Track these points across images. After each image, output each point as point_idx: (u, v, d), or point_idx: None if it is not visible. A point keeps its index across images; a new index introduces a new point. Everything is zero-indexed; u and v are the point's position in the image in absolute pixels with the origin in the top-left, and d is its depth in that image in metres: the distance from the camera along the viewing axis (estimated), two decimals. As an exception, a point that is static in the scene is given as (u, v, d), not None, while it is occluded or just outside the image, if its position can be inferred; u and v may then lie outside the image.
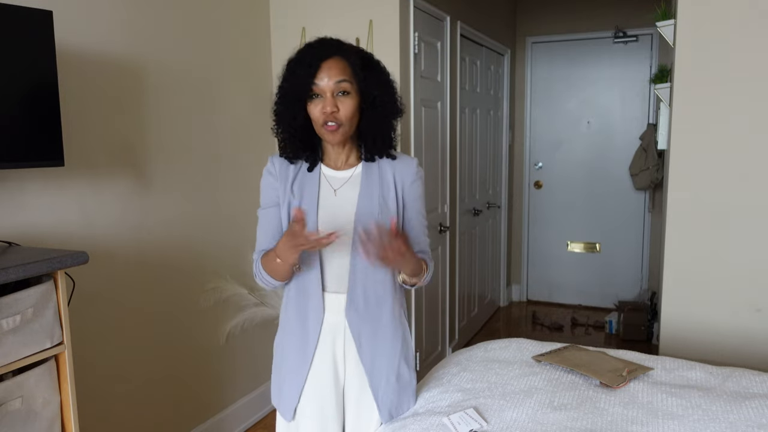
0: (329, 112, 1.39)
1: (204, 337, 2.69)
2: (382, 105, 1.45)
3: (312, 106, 1.41)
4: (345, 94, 1.40)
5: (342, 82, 1.39)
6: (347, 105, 1.40)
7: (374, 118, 1.46)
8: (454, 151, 3.69)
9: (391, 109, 1.48)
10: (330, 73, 1.39)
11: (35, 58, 1.67)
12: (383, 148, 1.50)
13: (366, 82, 1.43)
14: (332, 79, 1.38)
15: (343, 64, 1.40)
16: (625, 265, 4.86)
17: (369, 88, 1.43)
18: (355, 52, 1.46)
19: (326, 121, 1.40)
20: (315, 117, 1.42)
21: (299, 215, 1.30)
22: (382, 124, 1.47)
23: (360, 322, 1.48)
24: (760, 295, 2.31)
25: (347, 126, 1.43)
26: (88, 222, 2.12)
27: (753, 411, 1.49)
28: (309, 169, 1.50)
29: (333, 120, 1.40)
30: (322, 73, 1.38)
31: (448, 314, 3.74)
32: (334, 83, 1.39)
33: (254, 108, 2.96)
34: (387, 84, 1.48)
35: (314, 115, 1.42)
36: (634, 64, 4.66)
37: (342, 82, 1.39)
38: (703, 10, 2.30)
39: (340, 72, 1.39)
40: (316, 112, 1.41)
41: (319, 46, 1.42)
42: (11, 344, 1.48)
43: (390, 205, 1.49)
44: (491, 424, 1.46)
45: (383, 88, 1.46)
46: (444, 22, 3.41)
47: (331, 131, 1.41)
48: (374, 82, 1.44)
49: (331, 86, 1.39)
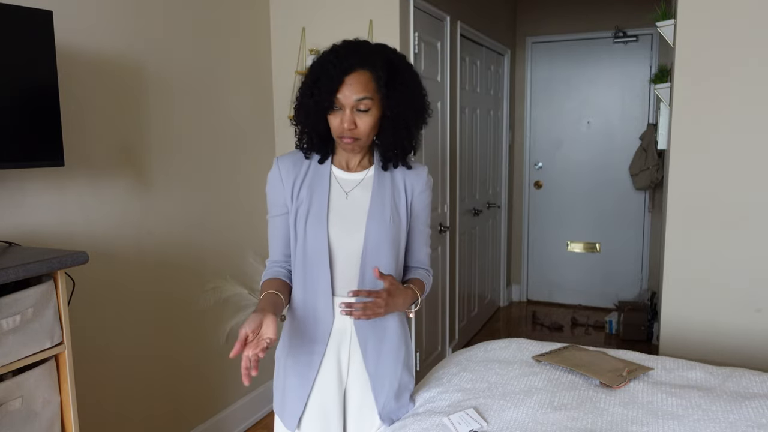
0: (347, 127, 1.38)
1: (204, 337, 2.69)
2: (405, 119, 1.42)
3: (332, 116, 1.40)
4: (365, 110, 1.37)
5: (363, 99, 1.36)
6: (366, 121, 1.38)
7: (394, 132, 1.43)
8: (454, 151, 3.69)
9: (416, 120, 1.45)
10: (352, 89, 1.35)
11: (35, 58, 1.67)
12: (400, 157, 1.48)
13: (390, 99, 1.39)
14: (354, 95, 1.35)
15: (366, 78, 1.36)
16: (625, 265, 4.86)
17: (392, 104, 1.40)
18: (382, 59, 1.39)
19: (344, 135, 1.39)
20: (334, 127, 1.41)
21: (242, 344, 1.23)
22: (403, 138, 1.45)
23: (367, 327, 1.48)
24: (760, 295, 2.31)
25: (364, 140, 1.42)
26: (88, 222, 2.12)
27: (753, 411, 1.49)
28: (320, 162, 1.49)
29: (350, 135, 1.39)
30: (345, 89, 1.35)
31: (448, 314, 3.74)
32: (355, 100, 1.36)
33: (254, 108, 2.96)
34: (413, 95, 1.44)
35: (333, 125, 1.41)
36: (634, 64, 4.66)
37: (363, 100, 1.36)
38: (703, 10, 2.30)
39: (363, 89, 1.35)
40: (335, 122, 1.40)
41: (345, 54, 1.37)
42: (11, 344, 1.48)
43: (401, 212, 1.48)
44: (491, 424, 1.46)
45: (408, 101, 1.42)
46: (444, 22, 3.41)
47: (347, 144, 1.41)
48: (399, 97, 1.40)
49: (352, 102, 1.36)
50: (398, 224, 1.47)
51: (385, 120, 1.41)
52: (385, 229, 1.44)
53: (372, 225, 1.44)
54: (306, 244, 1.45)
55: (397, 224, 1.47)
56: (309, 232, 1.44)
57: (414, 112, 1.43)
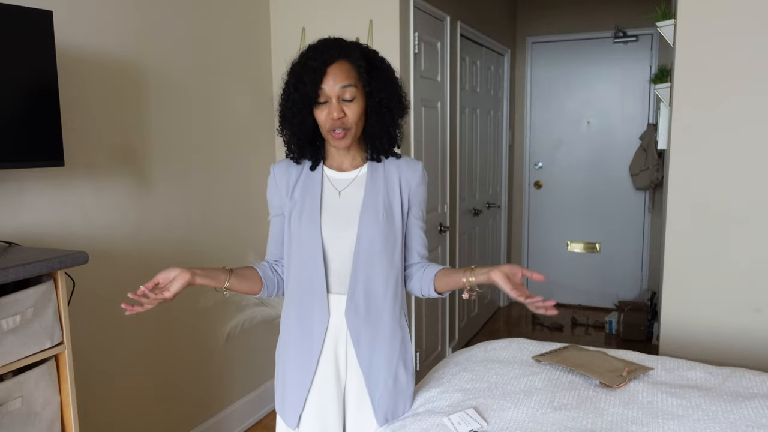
0: (336, 118, 1.39)
1: (204, 337, 2.69)
2: (388, 106, 1.45)
3: (318, 111, 1.41)
4: (351, 98, 1.40)
5: (348, 87, 1.38)
6: (353, 109, 1.40)
7: (380, 119, 1.45)
8: (454, 151, 3.69)
9: (397, 108, 1.48)
10: (336, 78, 1.38)
11: (35, 58, 1.67)
12: (389, 147, 1.51)
13: (371, 86, 1.42)
14: (338, 83, 1.38)
15: (348, 68, 1.40)
16: (625, 265, 4.86)
17: (374, 90, 1.43)
18: (359, 51, 1.44)
19: (333, 127, 1.40)
20: (321, 122, 1.42)
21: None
22: (388, 125, 1.47)
23: (359, 324, 1.48)
24: (760, 295, 2.31)
25: (354, 130, 1.43)
26: (88, 222, 2.12)
27: (753, 411, 1.49)
28: (311, 168, 1.51)
29: (341, 126, 1.40)
30: (328, 78, 1.38)
31: (448, 314, 3.74)
32: (340, 88, 1.38)
33: (254, 108, 2.96)
34: (392, 84, 1.47)
35: (320, 120, 1.42)
36: (634, 64, 4.66)
37: (348, 87, 1.38)
38: (703, 10, 2.29)
39: (346, 76, 1.39)
40: (322, 117, 1.41)
41: (323, 49, 1.41)
42: (11, 344, 1.48)
43: (395, 208, 1.49)
44: (491, 424, 1.46)
45: (389, 89, 1.45)
46: (444, 22, 3.41)
47: (338, 138, 1.42)
48: (380, 84, 1.44)
49: (337, 91, 1.38)
50: (392, 221, 1.48)
51: (370, 109, 1.44)
52: (377, 226, 1.45)
53: (364, 222, 1.45)
54: (300, 243, 1.47)
55: (391, 221, 1.47)
56: (303, 231, 1.46)
57: (395, 99, 1.46)
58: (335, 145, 1.45)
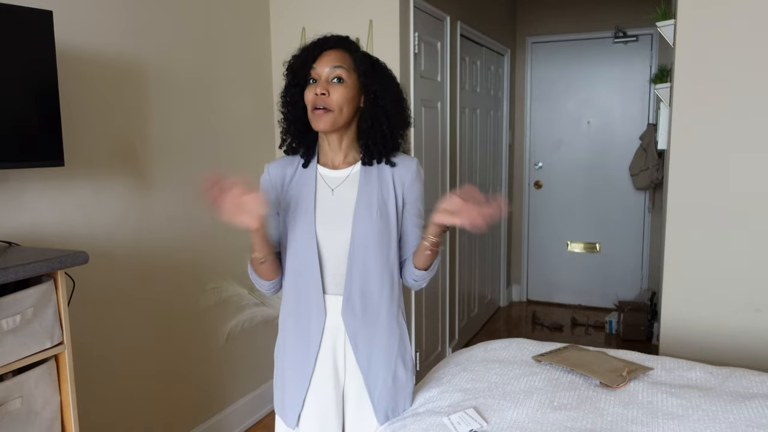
0: (318, 93, 1.39)
1: (204, 337, 2.69)
2: (383, 105, 1.44)
3: (307, 90, 1.42)
4: (340, 80, 1.40)
5: (338, 68, 1.40)
6: (339, 91, 1.40)
7: (372, 114, 1.44)
8: (454, 151, 3.69)
9: (395, 110, 1.47)
10: (328, 59, 1.41)
11: (35, 58, 1.67)
12: (382, 151, 1.47)
13: (367, 77, 1.43)
14: (329, 64, 1.40)
15: (343, 54, 1.42)
16: (625, 265, 4.86)
17: (369, 83, 1.43)
18: (359, 49, 1.47)
19: (315, 104, 1.40)
20: (307, 101, 1.42)
21: (210, 181, 1.26)
22: (382, 124, 1.44)
23: (356, 324, 1.47)
24: (760, 295, 2.31)
25: (336, 114, 1.40)
26: (88, 222, 2.12)
27: (753, 411, 1.49)
28: (304, 166, 1.50)
29: (322, 103, 1.39)
30: (321, 60, 1.41)
31: (448, 314, 3.74)
32: (330, 68, 1.40)
33: (255, 108, 2.96)
34: (391, 85, 1.47)
35: (307, 99, 1.42)
36: (634, 64, 4.66)
37: (338, 68, 1.40)
38: (703, 10, 2.30)
39: (338, 59, 1.41)
40: (309, 95, 1.41)
41: (324, 37, 1.45)
42: (11, 344, 1.48)
43: (389, 206, 1.48)
44: (491, 424, 1.46)
45: (385, 86, 1.45)
46: (444, 22, 3.41)
47: (318, 116, 1.40)
48: (376, 79, 1.44)
49: (327, 71, 1.40)
50: (386, 219, 1.47)
51: (365, 104, 1.45)
52: (371, 225, 1.44)
53: (358, 221, 1.44)
54: (295, 242, 1.47)
55: (385, 219, 1.46)
56: (297, 230, 1.46)
57: (392, 102, 1.46)
58: (315, 125, 1.42)
